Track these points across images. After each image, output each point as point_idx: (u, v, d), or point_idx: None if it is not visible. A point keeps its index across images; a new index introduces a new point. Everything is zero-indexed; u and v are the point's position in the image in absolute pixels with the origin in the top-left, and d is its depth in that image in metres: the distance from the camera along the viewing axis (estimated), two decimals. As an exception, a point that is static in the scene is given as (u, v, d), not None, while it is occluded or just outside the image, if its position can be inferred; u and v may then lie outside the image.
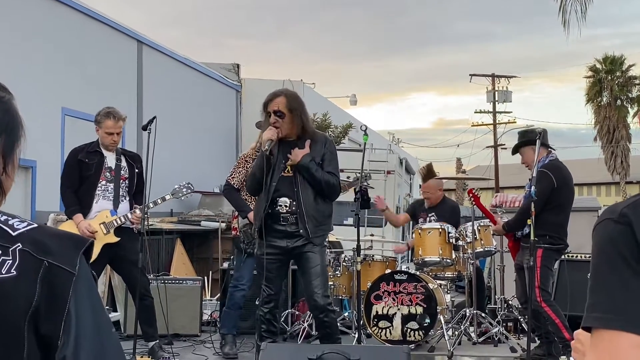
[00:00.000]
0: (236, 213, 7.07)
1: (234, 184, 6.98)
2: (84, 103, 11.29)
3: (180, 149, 14.51)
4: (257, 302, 5.71)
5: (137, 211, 6.40)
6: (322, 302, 5.47)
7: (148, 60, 13.76)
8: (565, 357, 6.07)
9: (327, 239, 5.92)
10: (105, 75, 12.33)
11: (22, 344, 1.24)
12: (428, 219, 8.35)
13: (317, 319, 5.62)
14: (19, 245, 1.29)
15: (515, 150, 6.94)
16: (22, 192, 10.02)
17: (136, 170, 6.58)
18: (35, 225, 1.34)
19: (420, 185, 9.20)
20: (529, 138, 6.70)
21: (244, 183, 6.83)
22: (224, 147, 16.99)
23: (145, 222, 6.32)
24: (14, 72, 9.87)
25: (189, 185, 6.82)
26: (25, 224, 1.33)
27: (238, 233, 6.97)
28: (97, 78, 12.02)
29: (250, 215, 6.70)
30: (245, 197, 6.94)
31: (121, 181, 6.49)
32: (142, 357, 6.36)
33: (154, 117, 6.36)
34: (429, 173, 9.25)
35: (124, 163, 6.52)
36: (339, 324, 7.49)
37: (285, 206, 5.49)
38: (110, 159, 6.50)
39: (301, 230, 5.48)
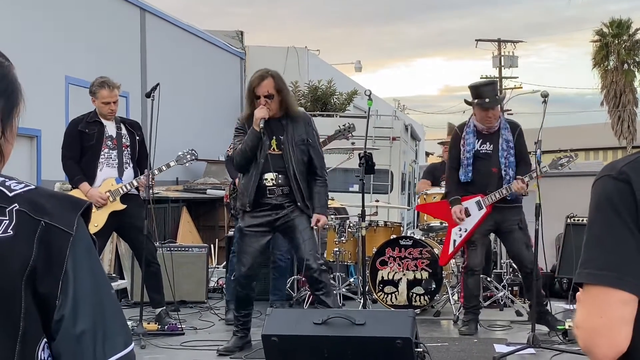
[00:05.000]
0: (235, 181, 7.10)
1: (231, 154, 7.07)
2: (88, 71, 11.26)
3: (185, 116, 14.50)
4: (232, 277, 5.83)
5: (142, 178, 6.42)
6: (315, 265, 5.65)
7: (151, 28, 13.70)
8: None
9: None
10: (109, 44, 12.29)
11: (19, 303, 1.25)
12: None
13: (311, 279, 5.74)
14: (15, 206, 1.28)
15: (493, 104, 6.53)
16: (28, 161, 10.04)
17: (137, 138, 6.60)
18: (33, 186, 1.34)
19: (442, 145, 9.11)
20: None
21: None
22: (228, 115, 16.95)
23: (151, 190, 6.35)
24: (17, 42, 9.84)
25: (193, 151, 6.84)
26: (23, 185, 1.33)
27: (228, 200, 7.09)
28: (100, 46, 11.99)
29: None
30: None
31: (123, 149, 6.50)
32: (148, 323, 6.40)
33: (158, 84, 6.35)
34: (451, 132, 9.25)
35: (124, 131, 6.53)
36: (344, 290, 7.57)
37: (272, 179, 5.64)
38: (110, 128, 6.50)
39: (291, 204, 5.67)
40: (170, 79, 12.96)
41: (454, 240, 6.52)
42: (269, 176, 5.65)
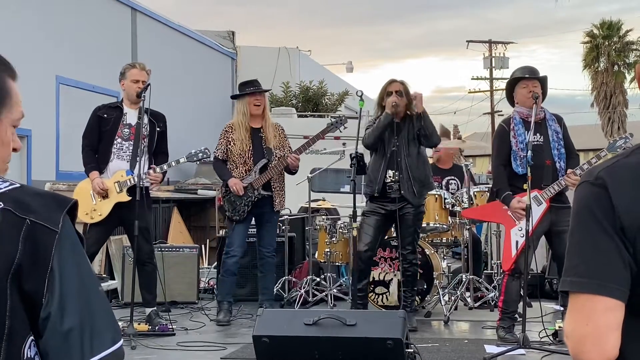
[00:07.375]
0: (230, 181, 7.05)
1: (218, 155, 7.11)
2: (78, 72, 11.25)
3: (176, 117, 14.44)
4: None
5: (151, 171, 6.39)
6: (410, 257, 6.63)
7: (142, 28, 13.67)
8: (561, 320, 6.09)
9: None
10: (100, 44, 12.26)
11: (4, 301, 1.24)
12: (446, 182, 8.32)
13: (403, 267, 6.66)
14: (0, 204, 1.28)
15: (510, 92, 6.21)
16: (18, 162, 10.01)
17: (157, 129, 6.56)
18: (18, 184, 1.33)
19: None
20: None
21: (227, 153, 7.04)
22: (219, 115, 16.92)
23: (146, 185, 6.36)
24: (8, 42, 9.80)
25: (206, 150, 6.82)
26: (7, 183, 1.32)
27: (222, 202, 7.06)
28: (91, 46, 11.95)
29: (231, 181, 6.88)
30: (229, 167, 6.99)
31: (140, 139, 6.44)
32: (139, 324, 6.38)
33: (149, 85, 6.34)
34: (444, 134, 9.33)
35: (145, 120, 6.41)
36: (335, 290, 7.57)
37: (390, 177, 6.49)
38: (130, 116, 6.49)
39: (408, 195, 6.46)
40: (161, 79, 12.93)
41: (516, 242, 5.94)
42: (390, 173, 6.51)
